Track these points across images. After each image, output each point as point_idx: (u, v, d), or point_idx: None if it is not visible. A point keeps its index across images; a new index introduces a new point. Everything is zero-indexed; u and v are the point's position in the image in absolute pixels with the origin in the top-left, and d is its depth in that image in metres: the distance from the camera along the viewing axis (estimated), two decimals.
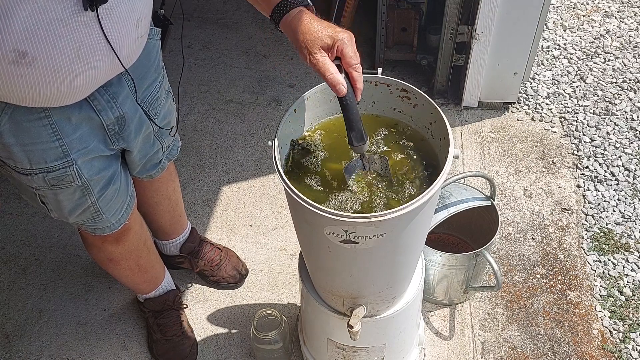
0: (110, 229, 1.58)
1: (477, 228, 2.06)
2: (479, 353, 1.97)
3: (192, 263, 2.07)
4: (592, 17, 3.14)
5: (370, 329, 1.58)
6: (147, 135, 1.53)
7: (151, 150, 1.59)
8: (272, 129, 2.61)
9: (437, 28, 2.61)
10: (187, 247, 2.06)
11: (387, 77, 1.40)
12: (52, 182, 1.36)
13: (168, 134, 1.60)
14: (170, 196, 1.90)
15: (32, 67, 1.11)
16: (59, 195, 1.41)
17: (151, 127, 1.50)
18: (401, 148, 1.41)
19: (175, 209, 1.95)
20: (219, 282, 2.12)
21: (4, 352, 2.01)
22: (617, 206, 2.33)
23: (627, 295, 2.09)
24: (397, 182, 1.34)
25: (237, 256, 2.17)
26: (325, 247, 1.31)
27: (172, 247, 2.06)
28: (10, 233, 2.33)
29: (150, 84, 1.46)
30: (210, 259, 2.08)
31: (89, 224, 1.54)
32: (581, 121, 2.63)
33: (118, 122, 1.38)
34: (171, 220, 1.98)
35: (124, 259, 1.73)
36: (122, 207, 1.57)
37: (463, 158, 2.51)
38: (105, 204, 1.49)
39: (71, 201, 1.43)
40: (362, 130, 1.23)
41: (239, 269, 2.13)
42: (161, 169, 1.69)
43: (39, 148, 1.29)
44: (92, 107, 1.32)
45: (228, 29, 3.15)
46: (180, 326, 1.97)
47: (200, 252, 2.07)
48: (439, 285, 2.00)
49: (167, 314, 1.96)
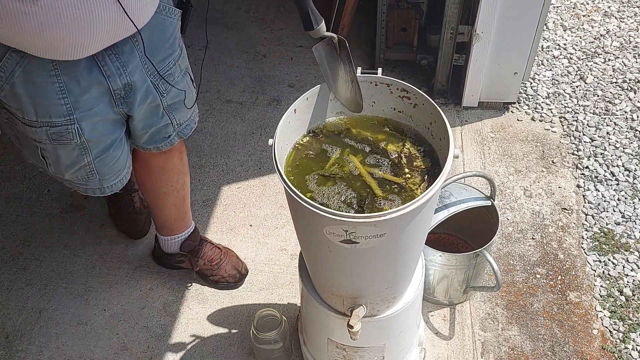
0: (101, 192, 1.66)
1: (477, 228, 2.06)
2: (479, 353, 1.97)
3: (192, 262, 2.08)
4: (592, 17, 3.14)
5: (370, 329, 1.58)
6: (155, 107, 1.58)
7: (158, 123, 1.63)
8: (272, 129, 2.60)
9: (437, 28, 2.61)
10: (188, 245, 2.07)
11: (387, 77, 1.40)
12: (54, 136, 1.45)
13: (182, 109, 1.67)
14: (179, 190, 1.93)
15: (36, 5, 1.16)
16: (58, 150, 1.49)
17: (159, 100, 1.56)
18: (401, 148, 1.41)
19: (182, 205, 1.99)
20: (219, 281, 2.12)
21: (4, 352, 2.01)
22: (617, 206, 2.33)
23: (627, 295, 2.09)
24: (398, 169, 1.34)
25: (236, 256, 2.17)
26: (325, 247, 1.31)
27: (173, 244, 2.08)
28: (10, 233, 2.33)
29: (163, 60, 1.51)
30: (210, 258, 2.09)
31: (82, 183, 1.62)
32: (581, 121, 2.63)
33: (125, 89, 1.46)
34: (177, 216, 2.01)
35: None
36: (118, 177, 1.65)
37: (463, 158, 2.51)
38: (101, 167, 1.58)
39: (69, 157, 1.52)
40: (315, 12, 1.29)
41: (239, 268, 2.13)
42: (170, 143, 1.73)
43: (45, 103, 1.38)
44: (102, 72, 1.39)
45: (228, 29, 3.15)
46: (133, 207, 2.21)
47: (200, 251, 2.08)
48: (439, 285, 2.00)
49: (120, 198, 2.20)
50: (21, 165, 2.56)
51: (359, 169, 1.36)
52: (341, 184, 1.35)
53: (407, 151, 1.40)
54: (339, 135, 1.44)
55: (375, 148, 1.41)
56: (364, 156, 1.40)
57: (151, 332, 2.05)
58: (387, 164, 1.38)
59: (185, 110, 1.70)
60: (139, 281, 2.18)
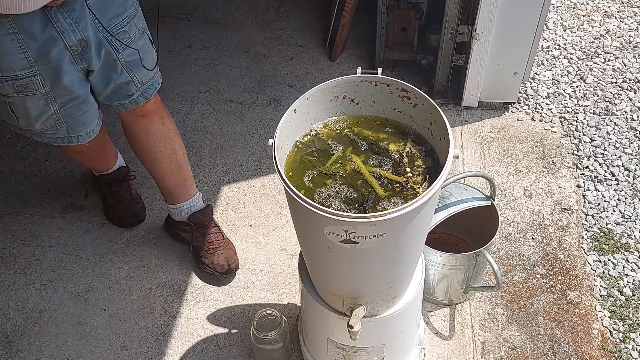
0: (69, 140, 1.80)
1: (477, 228, 2.06)
2: (479, 353, 1.97)
3: (194, 236, 2.14)
4: (592, 17, 3.14)
5: (370, 329, 1.58)
6: (112, 62, 1.70)
7: (118, 79, 1.74)
8: (272, 129, 2.60)
9: (437, 28, 2.61)
10: (196, 217, 2.13)
11: (387, 77, 1.40)
12: (20, 88, 1.60)
13: (142, 69, 1.77)
14: (170, 156, 2.01)
15: None
16: (26, 101, 1.63)
17: (114, 55, 1.68)
18: (402, 148, 1.41)
19: (179, 172, 2.06)
20: (208, 265, 2.12)
21: (4, 352, 2.01)
22: (617, 206, 2.33)
23: (627, 295, 2.09)
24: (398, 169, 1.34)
25: (235, 251, 2.17)
26: (325, 247, 1.31)
27: (180, 212, 2.14)
28: (10, 233, 2.33)
29: (116, 17, 1.63)
30: (210, 240, 2.13)
31: (51, 132, 1.75)
32: (581, 121, 2.63)
33: (81, 45, 1.59)
34: (176, 183, 2.08)
35: (87, 151, 2.04)
36: (85, 129, 1.80)
37: (463, 158, 2.51)
38: (67, 117, 1.72)
39: (37, 108, 1.66)
40: None
41: (230, 262, 2.13)
42: (135, 103, 1.84)
43: (8, 58, 1.53)
44: (56, 28, 1.53)
45: (228, 29, 3.15)
46: (129, 193, 2.28)
47: (205, 229, 2.14)
48: (439, 285, 2.00)
49: (118, 184, 2.27)
50: (21, 165, 2.56)
51: (361, 168, 1.36)
52: (342, 183, 1.35)
53: (409, 151, 1.40)
54: (340, 134, 1.44)
55: (377, 148, 1.41)
56: (365, 155, 1.40)
57: (151, 332, 2.05)
58: (389, 164, 1.38)
59: (147, 70, 1.80)
60: (139, 281, 2.18)
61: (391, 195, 1.32)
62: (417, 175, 1.36)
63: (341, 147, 1.41)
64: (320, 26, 3.12)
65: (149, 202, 2.39)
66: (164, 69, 2.92)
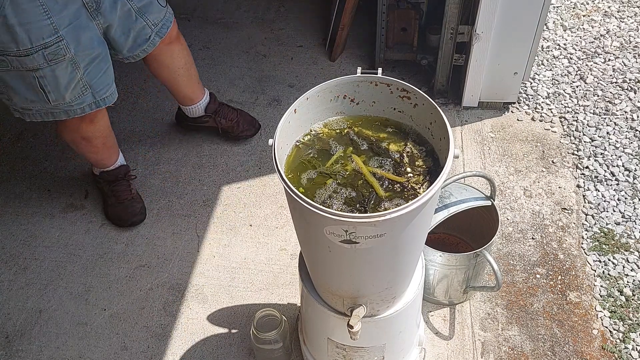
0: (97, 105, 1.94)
1: (477, 228, 2.06)
2: (479, 353, 1.97)
3: (216, 121, 2.51)
4: (592, 17, 3.14)
5: (370, 329, 1.58)
6: (127, 12, 1.91)
7: (135, 26, 1.96)
8: (272, 129, 2.61)
9: (437, 28, 2.61)
10: (211, 107, 2.50)
11: (387, 77, 1.40)
12: (50, 57, 1.73)
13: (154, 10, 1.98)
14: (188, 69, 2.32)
15: None
16: (55, 70, 1.77)
17: (128, 5, 1.89)
18: (403, 148, 1.41)
19: (191, 79, 2.38)
20: (239, 135, 2.56)
21: (4, 352, 2.01)
22: (617, 206, 2.33)
23: (627, 295, 2.09)
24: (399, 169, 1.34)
25: (250, 116, 2.59)
26: (325, 247, 1.31)
27: (196, 110, 2.49)
28: (10, 233, 2.33)
29: None
30: (230, 117, 2.52)
31: (79, 102, 1.89)
32: (581, 121, 2.63)
33: (95, 1, 1.79)
34: (191, 88, 2.41)
35: (95, 138, 2.14)
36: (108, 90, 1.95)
37: (463, 158, 2.51)
38: (91, 79, 1.87)
39: (65, 75, 1.80)
40: None
41: (254, 124, 2.59)
42: (152, 44, 2.05)
43: (36, 26, 1.66)
44: None
45: (228, 29, 3.15)
46: (130, 192, 2.34)
47: (220, 111, 2.51)
48: (439, 285, 2.00)
49: (119, 183, 2.34)
50: (21, 165, 2.56)
51: (362, 168, 1.36)
52: (343, 184, 1.35)
53: (409, 151, 1.40)
54: (340, 134, 1.44)
55: (377, 148, 1.41)
56: (365, 155, 1.40)
57: (151, 332, 2.05)
58: (390, 164, 1.38)
59: (158, 10, 2.00)
60: (139, 281, 2.18)
61: (392, 196, 1.32)
62: (418, 176, 1.36)
63: (341, 147, 1.41)
64: (320, 26, 3.12)
65: (148, 202, 2.40)
66: None
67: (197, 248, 2.26)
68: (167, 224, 2.34)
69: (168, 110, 2.74)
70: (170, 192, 2.44)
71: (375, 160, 1.39)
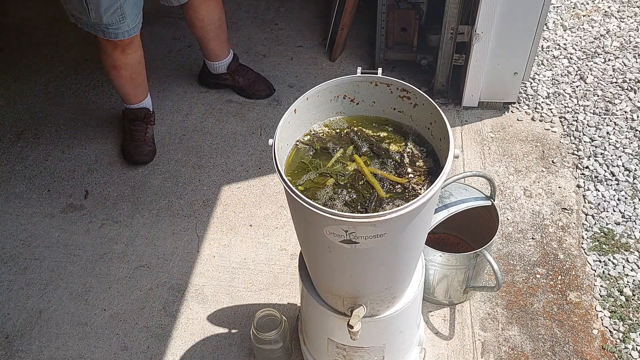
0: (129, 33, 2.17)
1: (477, 228, 2.06)
2: (479, 353, 1.97)
3: (235, 79, 2.74)
4: (592, 17, 3.14)
5: (370, 329, 1.58)
6: None
7: None
8: (272, 129, 2.61)
9: (437, 28, 2.61)
10: (232, 66, 2.72)
11: (387, 77, 1.40)
12: None
13: None
14: (221, 25, 2.56)
15: None
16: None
17: None
18: (403, 148, 1.41)
19: (221, 37, 2.61)
20: (254, 93, 2.76)
21: (4, 352, 2.01)
22: (617, 206, 2.33)
23: (627, 295, 2.09)
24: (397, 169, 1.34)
25: (266, 79, 2.78)
26: (325, 247, 1.31)
27: (220, 67, 2.71)
28: (10, 233, 2.33)
29: None
30: (247, 76, 2.75)
31: (114, 27, 2.13)
32: (581, 121, 2.63)
33: None
34: (220, 46, 2.64)
35: (123, 69, 2.34)
36: (137, 19, 2.18)
37: (463, 158, 2.51)
38: (128, 9, 2.10)
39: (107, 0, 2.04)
40: None
41: (269, 86, 2.78)
42: None
43: None
44: None
45: (228, 28, 3.15)
46: (144, 135, 2.52)
47: (240, 71, 2.74)
48: (439, 285, 2.00)
49: (137, 123, 2.52)
50: (21, 165, 2.56)
51: (363, 169, 1.36)
52: (343, 184, 1.35)
53: (410, 151, 1.40)
54: (340, 134, 1.44)
55: (378, 148, 1.41)
56: (366, 156, 1.40)
57: (151, 332, 2.05)
58: (390, 164, 1.38)
59: None
60: (139, 281, 2.18)
61: (393, 197, 1.32)
62: (419, 176, 1.36)
63: (341, 148, 1.41)
64: (320, 26, 3.12)
65: (148, 202, 2.40)
66: (164, 69, 2.93)
67: (197, 248, 2.26)
68: (167, 224, 2.34)
69: (170, 109, 2.74)
70: (170, 192, 2.44)
71: (375, 161, 1.39)
